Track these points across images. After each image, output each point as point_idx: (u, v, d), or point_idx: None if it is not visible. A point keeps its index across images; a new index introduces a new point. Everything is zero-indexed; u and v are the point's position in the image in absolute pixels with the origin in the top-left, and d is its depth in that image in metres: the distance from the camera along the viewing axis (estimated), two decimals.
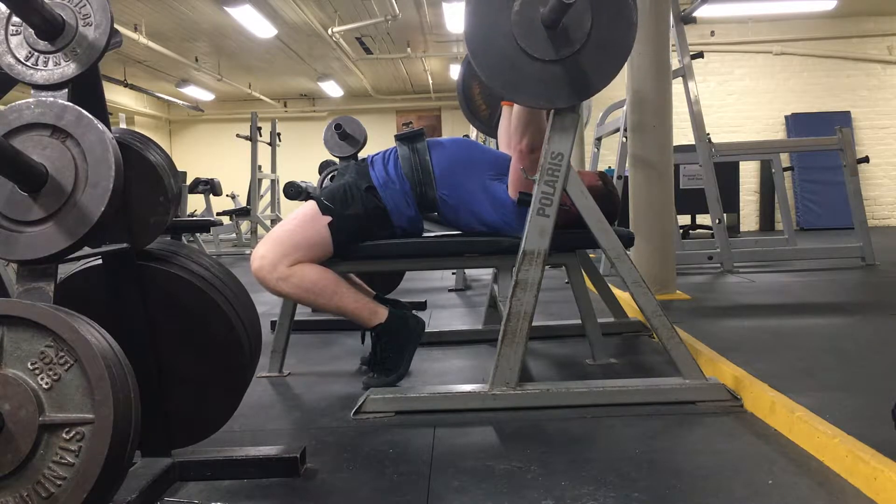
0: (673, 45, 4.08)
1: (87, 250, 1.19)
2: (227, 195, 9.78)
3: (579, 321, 2.38)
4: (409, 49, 9.98)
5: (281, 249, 2.06)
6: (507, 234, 2.18)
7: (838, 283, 4.02)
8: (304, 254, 2.07)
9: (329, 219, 2.10)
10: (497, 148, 2.75)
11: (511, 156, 2.16)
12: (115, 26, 1.18)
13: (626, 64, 3.40)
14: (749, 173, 10.01)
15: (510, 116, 2.31)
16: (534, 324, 1.87)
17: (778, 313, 3.09)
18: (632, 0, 1.77)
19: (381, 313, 2.12)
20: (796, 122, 9.95)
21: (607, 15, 1.75)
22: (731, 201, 8.03)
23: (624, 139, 4.43)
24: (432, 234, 2.37)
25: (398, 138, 2.23)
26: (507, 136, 2.23)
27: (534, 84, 1.77)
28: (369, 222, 2.15)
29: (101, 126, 1.08)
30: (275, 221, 9.37)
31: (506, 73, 1.77)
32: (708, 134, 4.71)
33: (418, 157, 2.18)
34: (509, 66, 1.77)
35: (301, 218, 2.12)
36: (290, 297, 2.13)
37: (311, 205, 2.14)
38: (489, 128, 3.01)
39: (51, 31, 1.13)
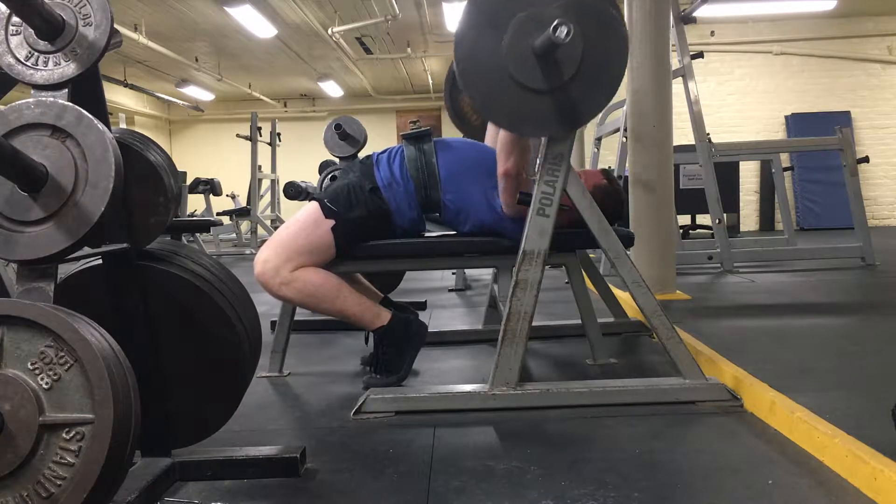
0: (673, 45, 4.08)
1: (87, 250, 1.19)
2: (227, 195, 9.78)
3: (579, 321, 2.38)
4: (409, 49, 9.97)
5: (284, 254, 2.04)
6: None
7: (838, 283, 4.02)
8: (307, 258, 2.06)
9: (332, 222, 2.08)
10: None
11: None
12: (115, 26, 1.18)
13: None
14: (749, 173, 9.99)
15: (496, 128, 2.29)
16: (534, 324, 1.87)
17: (778, 313, 3.09)
18: (618, 14, 1.75)
19: (384, 316, 2.12)
20: (796, 122, 9.93)
21: (597, 37, 1.72)
22: (731, 201, 8.02)
23: (624, 139, 4.43)
24: (432, 235, 2.37)
25: (405, 137, 2.21)
26: (494, 143, 2.20)
27: (526, 114, 1.75)
28: (372, 224, 2.14)
29: (101, 126, 1.08)
30: (275, 221, 9.37)
31: (497, 102, 1.75)
32: (708, 134, 4.71)
33: (425, 158, 2.16)
34: (499, 95, 1.74)
35: (304, 221, 2.10)
36: (292, 301, 2.13)
37: (314, 206, 2.11)
38: (478, 134, 2.98)
39: (51, 31, 1.13)
